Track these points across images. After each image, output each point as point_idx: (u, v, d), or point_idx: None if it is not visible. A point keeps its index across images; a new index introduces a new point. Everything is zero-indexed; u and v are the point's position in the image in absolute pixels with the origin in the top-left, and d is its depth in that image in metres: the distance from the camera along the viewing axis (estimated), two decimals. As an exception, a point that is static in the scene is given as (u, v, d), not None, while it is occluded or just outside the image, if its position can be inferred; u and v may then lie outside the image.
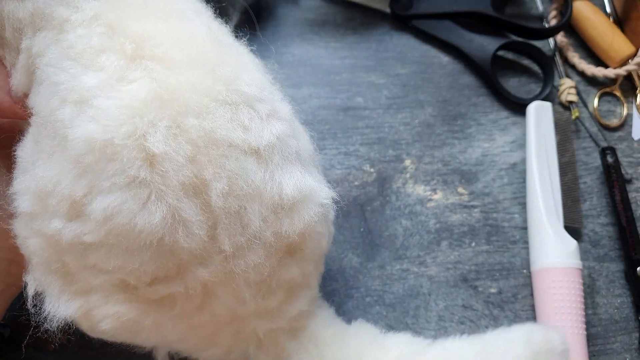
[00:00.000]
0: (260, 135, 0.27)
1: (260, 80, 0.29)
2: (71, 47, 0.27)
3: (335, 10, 0.53)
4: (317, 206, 0.30)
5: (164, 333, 0.30)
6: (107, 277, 0.27)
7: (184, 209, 0.25)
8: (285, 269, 0.31)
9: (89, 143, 0.25)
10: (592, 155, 0.49)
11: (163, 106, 0.25)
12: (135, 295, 0.28)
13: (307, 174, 0.30)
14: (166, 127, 0.25)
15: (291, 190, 0.28)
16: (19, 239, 0.29)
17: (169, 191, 0.25)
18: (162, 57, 0.27)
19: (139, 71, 0.26)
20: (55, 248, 0.27)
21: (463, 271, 0.45)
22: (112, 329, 0.28)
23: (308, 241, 0.31)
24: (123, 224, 0.25)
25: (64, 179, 0.26)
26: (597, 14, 0.51)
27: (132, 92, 0.26)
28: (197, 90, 0.26)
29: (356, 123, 0.49)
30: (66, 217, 0.26)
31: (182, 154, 0.25)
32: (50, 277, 0.29)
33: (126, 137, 0.25)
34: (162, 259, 0.26)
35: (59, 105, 0.26)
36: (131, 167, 0.25)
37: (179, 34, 0.28)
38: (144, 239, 0.25)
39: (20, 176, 0.29)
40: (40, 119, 0.28)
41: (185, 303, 0.29)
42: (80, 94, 0.26)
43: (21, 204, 0.28)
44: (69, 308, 0.28)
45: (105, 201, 0.25)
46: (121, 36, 0.27)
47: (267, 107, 0.28)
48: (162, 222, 0.25)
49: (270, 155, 0.28)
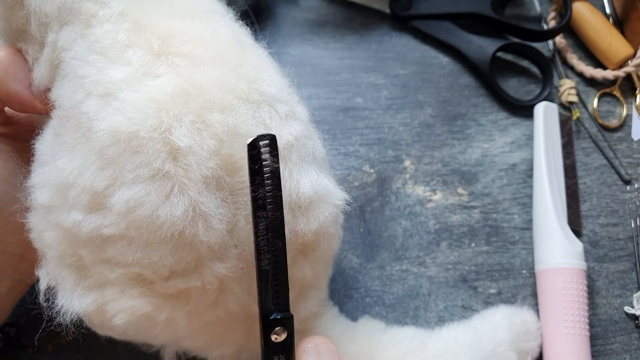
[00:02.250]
0: (280, 134, 0.28)
1: (279, 82, 0.30)
2: (98, 41, 0.27)
3: (335, 11, 0.53)
4: (331, 207, 0.30)
5: (176, 329, 0.30)
6: (124, 271, 0.27)
7: (205, 203, 0.26)
8: (298, 268, 0.31)
9: (114, 135, 0.25)
10: (591, 155, 0.49)
11: (188, 101, 0.26)
12: (151, 289, 0.28)
13: (323, 174, 0.30)
14: (191, 121, 0.25)
15: (308, 190, 0.28)
16: (34, 232, 0.29)
17: (192, 184, 0.25)
18: (188, 54, 0.27)
19: (165, 67, 0.27)
20: (72, 241, 0.27)
21: (463, 272, 0.45)
22: (125, 324, 0.28)
23: (321, 241, 0.31)
24: (145, 217, 0.25)
25: (87, 171, 0.26)
26: (595, 15, 0.51)
27: (158, 86, 0.26)
28: (222, 87, 0.27)
29: (356, 123, 0.49)
30: (86, 210, 0.26)
31: (206, 148, 0.26)
32: (64, 271, 0.29)
33: (152, 130, 0.25)
34: (181, 252, 0.27)
35: (84, 98, 0.27)
36: (156, 160, 0.25)
37: (204, 32, 0.28)
38: (164, 231, 0.26)
39: (38, 169, 0.29)
40: (64, 112, 0.28)
41: (201, 298, 0.29)
42: (106, 87, 0.26)
43: (39, 196, 0.28)
44: (83, 302, 0.28)
45: (128, 193, 0.25)
46: (148, 32, 0.27)
47: (286, 107, 0.29)
48: (183, 215, 0.25)
49: (288, 154, 0.28)
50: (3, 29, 0.31)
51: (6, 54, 0.31)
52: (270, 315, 0.26)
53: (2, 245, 0.33)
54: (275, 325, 0.26)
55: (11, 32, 0.31)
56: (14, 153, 0.33)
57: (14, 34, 0.31)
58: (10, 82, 0.30)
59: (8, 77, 0.30)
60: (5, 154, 0.32)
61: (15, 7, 0.30)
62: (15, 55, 0.31)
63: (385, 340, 0.37)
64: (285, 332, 0.27)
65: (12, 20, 0.30)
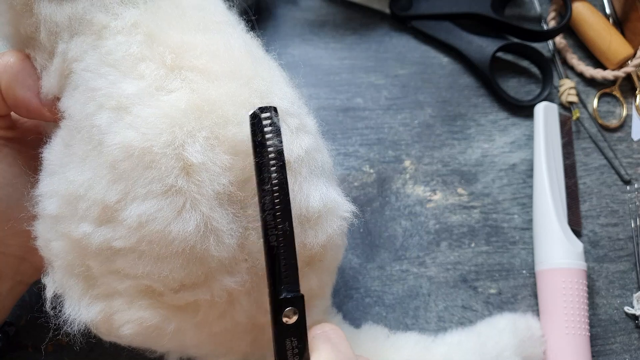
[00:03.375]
0: (291, 148, 0.28)
1: (290, 95, 0.30)
2: (110, 53, 0.27)
3: (335, 11, 0.53)
4: (339, 219, 0.30)
5: (183, 339, 0.30)
6: (133, 283, 0.27)
7: (217, 219, 0.26)
8: (305, 280, 0.31)
9: (126, 150, 0.25)
10: (591, 155, 0.49)
11: (202, 117, 0.26)
12: (159, 301, 0.28)
13: (331, 187, 0.30)
14: (204, 137, 0.25)
15: (317, 204, 0.28)
16: (41, 240, 0.29)
17: (204, 200, 0.25)
18: (201, 68, 0.27)
19: (179, 81, 0.27)
20: (80, 252, 0.27)
21: (462, 272, 0.45)
22: (133, 334, 0.28)
23: (328, 253, 0.31)
24: (157, 231, 0.25)
25: (97, 184, 0.26)
26: (595, 15, 0.51)
27: (172, 101, 0.26)
28: (235, 103, 0.27)
29: (355, 124, 0.49)
30: (96, 222, 0.26)
31: (219, 164, 0.26)
32: (71, 280, 0.28)
33: (165, 146, 0.25)
34: (192, 266, 0.27)
35: (96, 111, 0.26)
36: (169, 176, 0.25)
37: (217, 46, 0.28)
38: (176, 246, 0.26)
39: (47, 178, 0.29)
40: (74, 123, 0.28)
41: (209, 310, 0.29)
42: (119, 100, 0.26)
43: (47, 206, 0.28)
44: (90, 312, 0.28)
45: (140, 208, 0.25)
46: (161, 45, 0.27)
47: (296, 120, 0.29)
48: (195, 230, 0.25)
49: (299, 167, 0.28)
50: (11, 35, 0.31)
51: (16, 60, 0.30)
52: (280, 295, 0.26)
53: (4, 247, 0.33)
54: (286, 306, 0.26)
55: (19, 39, 0.30)
56: (18, 157, 0.32)
57: (23, 40, 0.30)
58: (18, 88, 0.30)
59: (17, 83, 0.30)
60: (9, 158, 0.32)
61: (24, 13, 0.29)
62: (25, 61, 0.30)
63: (388, 346, 0.37)
64: (296, 315, 0.26)
65: (20, 26, 0.30)
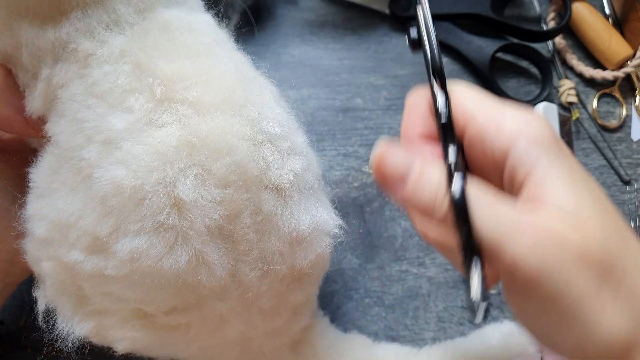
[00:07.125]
0: (281, 173, 0.27)
1: (281, 116, 0.29)
2: (97, 84, 0.26)
3: (335, 11, 0.53)
4: (327, 237, 0.30)
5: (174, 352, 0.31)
6: (125, 305, 0.28)
7: (208, 252, 0.26)
8: (294, 294, 0.32)
9: (117, 187, 0.25)
10: (591, 156, 0.49)
11: (193, 153, 0.25)
12: (151, 322, 0.28)
13: (320, 205, 0.30)
14: (196, 174, 0.25)
15: (307, 227, 0.29)
16: (30, 257, 0.29)
17: (195, 235, 0.25)
18: (192, 101, 0.26)
19: (169, 115, 0.26)
20: (72, 274, 0.27)
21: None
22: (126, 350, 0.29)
23: (316, 267, 0.32)
24: (148, 266, 0.25)
25: (88, 216, 0.26)
26: (594, 16, 0.51)
27: (163, 138, 0.25)
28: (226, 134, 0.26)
29: (355, 124, 0.49)
30: (87, 251, 0.26)
31: (210, 199, 0.25)
32: (63, 298, 0.29)
33: (156, 184, 0.25)
34: (183, 295, 0.27)
35: (85, 144, 0.26)
36: (160, 213, 0.25)
37: (208, 74, 0.27)
38: (167, 279, 0.26)
39: (35, 201, 0.28)
40: (62, 152, 0.27)
41: (200, 329, 0.29)
42: (108, 135, 0.25)
43: (37, 229, 0.28)
44: (83, 328, 0.28)
45: (132, 244, 0.25)
46: (150, 76, 0.26)
47: (287, 144, 0.29)
48: (187, 265, 0.25)
49: (289, 192, 0.28)
50: None
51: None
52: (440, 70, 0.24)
53: None
54: None
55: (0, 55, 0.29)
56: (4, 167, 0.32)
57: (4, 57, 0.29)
58: (2, 106, 0.29)
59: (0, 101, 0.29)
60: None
61: (3, 32, 0.27)
62: (8, 77, 0.29)
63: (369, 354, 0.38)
64: None
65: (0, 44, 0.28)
